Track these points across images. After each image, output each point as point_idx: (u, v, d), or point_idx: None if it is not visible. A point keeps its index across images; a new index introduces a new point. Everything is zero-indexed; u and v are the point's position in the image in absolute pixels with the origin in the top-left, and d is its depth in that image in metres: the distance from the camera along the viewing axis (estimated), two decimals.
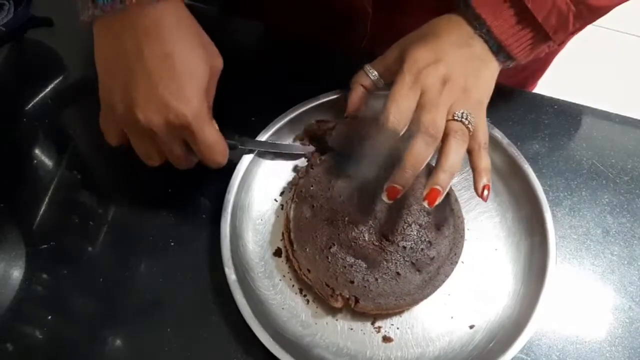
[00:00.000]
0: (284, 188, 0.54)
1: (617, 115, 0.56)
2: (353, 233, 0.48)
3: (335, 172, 0.52)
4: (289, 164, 0.55)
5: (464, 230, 0.50)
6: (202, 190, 0.54)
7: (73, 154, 0.57)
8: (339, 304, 0.46)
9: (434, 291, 0.47)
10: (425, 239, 0.48)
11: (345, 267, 0.47)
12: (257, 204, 0.53)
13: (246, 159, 0.52)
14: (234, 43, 0.63)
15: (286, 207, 0.51)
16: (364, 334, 0.47)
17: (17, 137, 0.58)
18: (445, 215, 0.50)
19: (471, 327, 0.47)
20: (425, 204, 0.43)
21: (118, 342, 0.46)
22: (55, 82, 0.62)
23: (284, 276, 0.49)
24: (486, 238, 0.51)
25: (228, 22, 0.67)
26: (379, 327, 0.47)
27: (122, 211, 0.53)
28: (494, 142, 0.53)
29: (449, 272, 0.48)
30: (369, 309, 0.46)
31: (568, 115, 0.58)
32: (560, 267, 0.49)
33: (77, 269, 0.50)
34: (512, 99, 0.60)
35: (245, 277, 0.47)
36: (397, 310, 0.47)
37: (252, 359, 0.45)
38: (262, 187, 0.53)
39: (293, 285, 0.49)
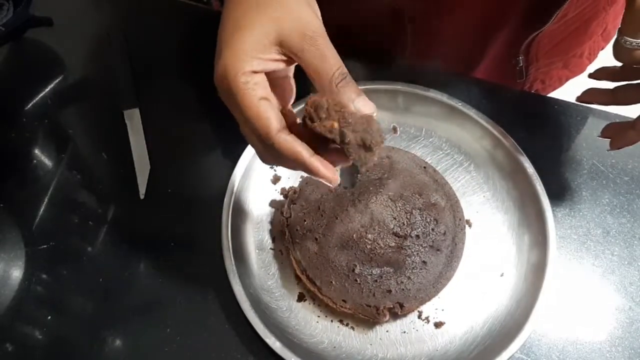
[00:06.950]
0: (274, 233, 0.52)
1: (616, 115, 0.56)
2: (368, 246, 0.47)
3: (317, 196, 0.50)
4: (267, 210, 0.53)
5: (455, 193, 0.51)
6: (203, 189, 0.54)
7: (73, 153, 0.57)
8: (387, 318, 0.46)
9: (459, 262, 0.48)
10: (430, 219, 0.48)
11: (376, 280, 0.46)
12: (257, 262, 0.50)
13: (224, 226, 0.49)
14: None
15: (290, 252, 0.49)
16: (417, 330, 0.47)
17: (16, 137, 0.58)
18: (434, 189, 0.51)
19: (502, 275, 0.49)
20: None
21: (118, 342, 0.46)
22: (55, 82, 0.62)
23: (318, 316, 0.47)
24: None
25: None
26: (427, 317, 0.47)
27: (121, 211, 0.53)
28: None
29: (464, 239, 0.49)
30: (415, 307, 0.46)
31: (568, 116, 0.58)
32: (561, 268, 0.49)
33: (77, 269, 0.50)
34: (513, 99, 0.60)
35: (287, 337, 0.45)
36: (436, 295, 0.47)
37: (252, 359, 0.45)
38: (253, 244, 0.51)
39: (332, 321, 0.47)
